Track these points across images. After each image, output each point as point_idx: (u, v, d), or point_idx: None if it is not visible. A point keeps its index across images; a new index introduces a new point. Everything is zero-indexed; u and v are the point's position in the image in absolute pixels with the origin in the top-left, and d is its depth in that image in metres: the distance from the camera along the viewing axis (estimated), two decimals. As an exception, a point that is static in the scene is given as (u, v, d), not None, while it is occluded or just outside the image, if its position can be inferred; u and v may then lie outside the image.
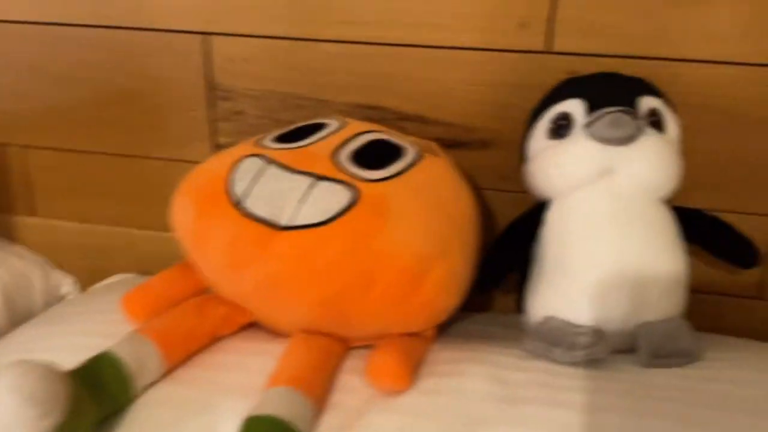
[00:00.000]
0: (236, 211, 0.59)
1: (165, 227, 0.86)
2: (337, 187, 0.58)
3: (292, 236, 0.57)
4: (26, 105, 0.85)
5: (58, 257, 0.92)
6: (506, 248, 0.67)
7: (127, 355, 0.56)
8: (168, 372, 0.59)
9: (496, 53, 0.73)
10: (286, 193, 0.58)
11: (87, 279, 0.92)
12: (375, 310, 0.58)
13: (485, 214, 0.78)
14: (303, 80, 0.78)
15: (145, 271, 0.90)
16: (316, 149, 0.62)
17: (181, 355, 0.60)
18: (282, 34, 0.77)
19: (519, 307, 0.68)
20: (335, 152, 0.61)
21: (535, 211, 0.67)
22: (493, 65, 0.73)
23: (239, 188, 0.60)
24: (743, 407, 0.54)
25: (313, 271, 0.56)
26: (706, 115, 0.70)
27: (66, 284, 0.92)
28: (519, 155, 0.71)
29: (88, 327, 0.67)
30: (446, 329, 0.68)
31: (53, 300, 0.90)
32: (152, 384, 0.58)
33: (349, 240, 0.56)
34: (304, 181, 0.59)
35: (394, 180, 0.60)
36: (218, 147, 0.83)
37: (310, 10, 0.75)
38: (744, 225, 0.70)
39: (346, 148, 0.62)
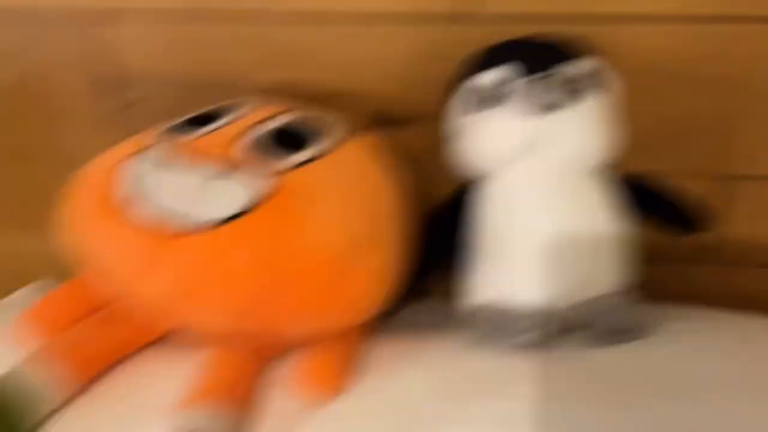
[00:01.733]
0: (125, 217, 0.52)
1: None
2: (243, 180, 0.52)
3: (188, 243, 0.50)
4: None
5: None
6: (435, 235, 0.62)
7: (31, 377, 0.51)
8: (79, 392, 0.53)
9: (416, 26, 0.67)
10: (179, 193, 0.51)
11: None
12: (300, 311, 0.52)
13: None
14: (201, 63, 0.71)
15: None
16: (214, 139, 0.55)
17: (92, 372, 0.55)
18: (178, 8, 0.69)
19: (456, 293, 0.64)
20: (243, 138, 0.55)
21: (461, 191, 0.62)
22: (412, 37, 0.67)
23: (129, 190, 0.53)
24: (698, 384, 0.51)
25: (218, 279, 0.50)
26: (650, 75, 0.66)
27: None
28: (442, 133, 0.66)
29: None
30: (381, 321, 0.63)
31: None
32: (62, 407, 0.52)
33: (261, 238, 0.50)
34: (201, 176, 0.52)
35: (313, 165, 0.54)
36: (111, 145, 0.74)
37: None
38: (695, 189, 0.67)
39: (249, 135, 0.55)
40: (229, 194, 0.51)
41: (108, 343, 0.57)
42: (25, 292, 0.79)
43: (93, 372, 0.55)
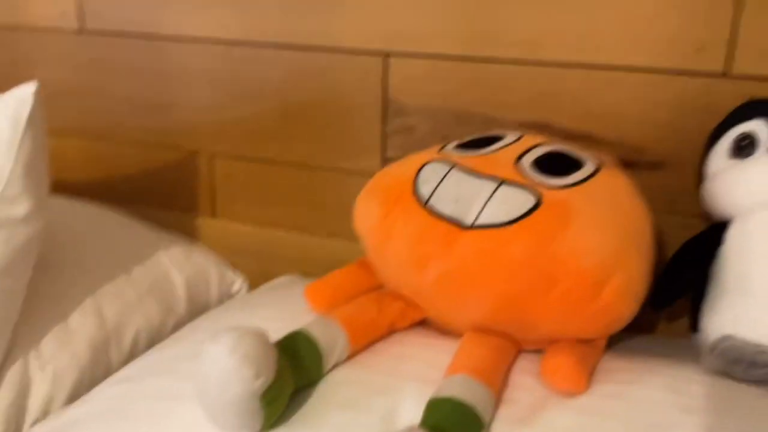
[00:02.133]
0: (423, 209, 0.63)
1: (334, 234, 0.93)
2: (521, 191, 0.61)
3: (476, 235, 0.60)
4: (216, 117, 0.95)
5: (232, 257, 1.00)
6: (684, 266, 0.67)
7: (319, 335, 0.61)
8: (351, 356, 0.64)
9: (671, 75, 0.74)
10: (472, 194, 0.62)
11: (255, 280, 1.00)
12: (553, 312, 0.60)
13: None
14: (473, 98, 0.82)
15: (311, 275, 0.96)
16: (498, 156, 0.65)
17: (364, 341, 0.64)
18: (454, 53, 0.81)
19: (693, 326, 0.68)
20: (517, 160, 0.64)
21: (714, 230, 0.66)
22: (667, 87, 0.74)
23: (425, 189, 0.64)
24: None
25: (496, 269, 0.59)
26: None
27: (237, 283, 0.99)
28: (697, 175, 0.71)
29: (272, 313, 0.73)
30: (612, 345, 0.69)
31: (225, 297, 0.98)
32: (337, 365, 0.62)
33: (532, 241, 0.59)
34: (490, 184, 0.62)
35: (575, 188, 0.62)
36: (387, 160, 0.88)
37: (483, 32, 0.79)
38: None
39: (528, 156, 0.65)
40: (510, 202, 0.60)
41: (376, 320, 0.66)
42: (282, 280, 0.94)
43: (362, 342, 0.65)
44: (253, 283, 1.00)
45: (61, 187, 1.03)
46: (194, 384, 0.54)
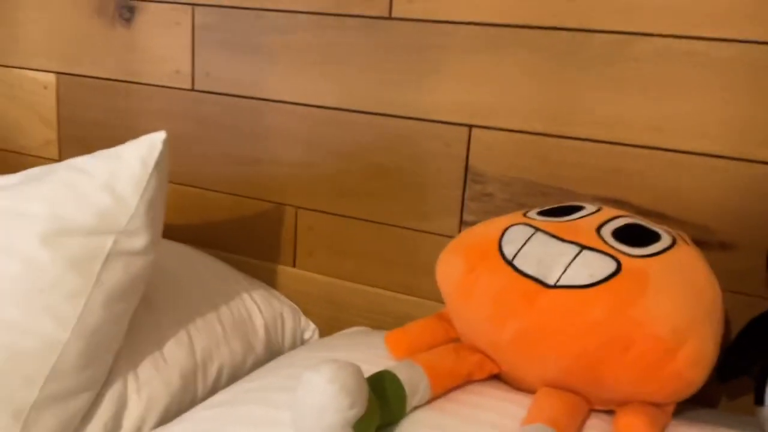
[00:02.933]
0: (507, 266, 0.68)
1: (405, 290, 0.98)
2: (602, 257, 0.66)
3: (558, 294, 0.65)
4: (303, 173, 1.03)
5: (306, 305, 1.06)
6: (751, 341, 0.70)
7: (404, 376, 0.65)
8: (430, 401, 0.68)
9: (744, 162, 0.79)
10: (555, 256, 0.67)
11: (326, 328, 1.05)
12: (627, 373, 0.63)
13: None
14: (549, 171, 0.88)
15: (379, 328, 1.01)
16: (580, 224, 0.70)
17: (443, 388, 0.68)
18: (534, 130, 0.88)
19: (758, 399, 0.70)
20: (598, 228, 0.69)
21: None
22: (740, 174, 0.79)
23: (509, 249, 0.70)
24: None
25: (575, 327, 0.63)
26: None
27: (309, 330, 1.05)
28: (766, 258, 0.74)
29: (352, 355, 0.78)
30: (677, 415, 0.71)
31: (298, 342, 1.03)
32: (417, 407, 0.67)
33: (611, 304, 0.63)
34: (572, 248, 0.67)
35: (653, 258, 0.66)
36: (464, 224, 0.94)
37: (561, 110, 0.86)
38: None
39: (608, 226, 0.70)
40: (591, 266, 0.65)
41: (455, 368, 0.71)
42: (354, 330, 0.99)
43: (442, 388, 0.69)
44: (323, 330, 1.05)
45: (156, 228, 1.12)
46: (292, 409, 0.59)
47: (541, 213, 0.75)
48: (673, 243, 0.69)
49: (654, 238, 0.69)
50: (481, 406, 0.68)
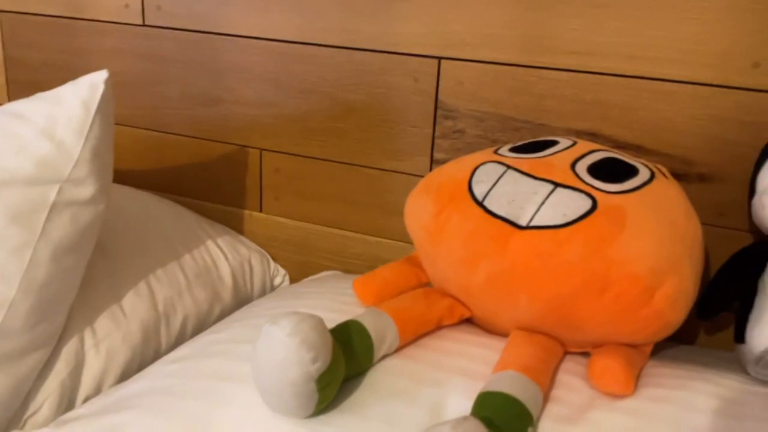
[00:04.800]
0: (478, 208, 0.64)
1: (376, 232, 0.94)
2: (576, 194, 0.62)
3: (530, 235, 0.61)
4: (268, 112, 0.97)
5: (275, 251, 1.02)
6: (731, 278, 0.68)
7: (371, 325, 0.62)
8: (399, 349, 0.65)
9: (725, 90, 0.75)
10: (527, 195, 0.63)
11: (296, 274, 1.02)
12: (604, 315, 0.60)
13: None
14: (523, 105, 0.83)
15: (350, 272, 0.98)
16: (554, 160, 0.66)
17: (412, 334, 0.66)
18: (507, 61, 0.83)
19: (738, 337, 0.68)
20: (573, 164, 0.66)
21: (763, 243, 0.67)
22: (721, 101, 0.75)
23: (480, 189, 0.66)
24: None
25: (549, 269, 0.60)
26: None
27: (279, 275, 1.02)
28: (749, 189, 0.71)
29: (320, 303, 0.74)
30: (655, 353, 0.69)
31: (268, 289, 1.00)
32: (386, 356, 0.64)
33: (586, 244, 0.60)
34: (545, 186, 0.63)
35: (630, 194, 0.63)
36: (435, 162, 0.89)
37: (534, 38, 0.81)
38: None
39: (583, 161, 0.66)
40: (565, 205, 0.61)
41: (425, 314, 0.68)
42: (325, 275, 0.96)
43: (411, 335, 0.67)
44: (293, 276, 1.02)
45: (114, 174, 1.06)
46: (252, 365, 0.56)
47: (514, 149, 0.71)
48: (652, 177, 0.66)
49: (631, 172, 0.66)
50: (452, 352, 0.65)
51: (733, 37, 0.73)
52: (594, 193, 0.62)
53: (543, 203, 0.62)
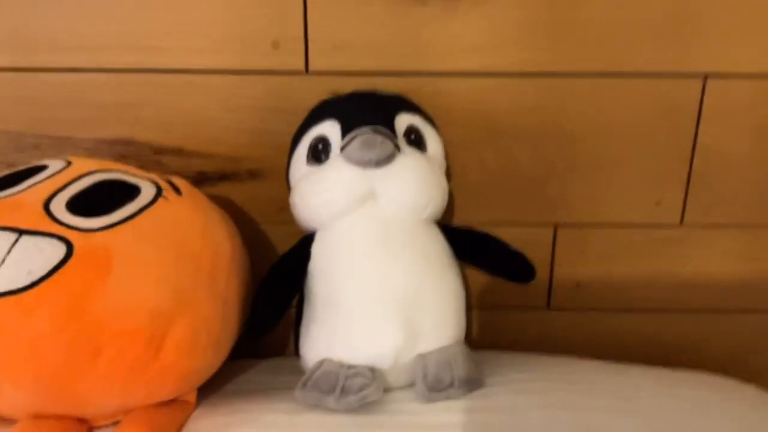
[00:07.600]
0: None
1: None
2: (47, 241, 0.49)
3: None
4: None
5: None
6: (272, 289, 0.60)
7: None
8: None
9: (252, 76, 0.67)
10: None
11: None
12: (105, 383, 0.49)
13: (266, 248, 0.71)
14: (33, 117, 0.67)
15: None
16: (26, 197, 0.52)
17: None
18: (3, 65, 0.66)
19: (296, 350, 0.62)
20: (49, 200, 0.52)
21: (303, 244, 0.61)
22: (250, 88, 0.67)
23: None
24: None
25: (22, 347, 0.46)
26: (470, 129, 0.68)
27: None
28: (286, 185, 0.65)
29: None
30: (215, 384, 0.60)
31: None
32: None
33: (60, 305, 0.47)
34: (6, 238, 0.48)
35: (120, 227, 0.51)
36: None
37: (32, 36, 0.65)
38: (521, 237, 0.69)
39: (64, 193, 0.52)
40: (31, 259, 0.47)
41: None
42: None
43: None
44: None
45: None
46: None
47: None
48: (157, 197, 0.55)
49: (131, 195, 0.54)
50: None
51: (249, 17, 0.65)
52: (69, 235, 0.49)
53: (5, 260, 0.48)
